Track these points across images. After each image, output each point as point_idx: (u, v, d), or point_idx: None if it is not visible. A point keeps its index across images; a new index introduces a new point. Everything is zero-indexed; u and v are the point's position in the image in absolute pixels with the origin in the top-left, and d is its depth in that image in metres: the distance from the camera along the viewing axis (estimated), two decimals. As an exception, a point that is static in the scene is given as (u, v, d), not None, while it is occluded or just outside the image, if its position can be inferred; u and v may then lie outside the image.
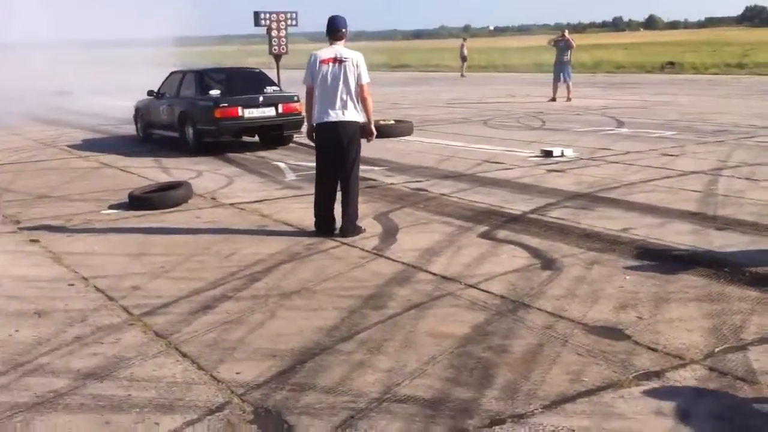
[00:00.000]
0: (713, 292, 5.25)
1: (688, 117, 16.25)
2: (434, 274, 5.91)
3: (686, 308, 4.97)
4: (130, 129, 16.31)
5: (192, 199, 8.99)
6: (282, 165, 11.61)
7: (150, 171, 11.46)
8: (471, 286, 5.59)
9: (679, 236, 6.72)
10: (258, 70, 15.04)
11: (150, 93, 14.65)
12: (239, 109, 12.91)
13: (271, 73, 19.14)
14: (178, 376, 4.16)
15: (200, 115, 13.08)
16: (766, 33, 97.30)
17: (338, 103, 7.07)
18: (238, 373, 4.18)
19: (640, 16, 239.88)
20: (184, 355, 4.45)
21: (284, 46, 19.05)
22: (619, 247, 6.43)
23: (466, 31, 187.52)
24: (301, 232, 7.40)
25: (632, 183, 9.15)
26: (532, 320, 4.85)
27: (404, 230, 7.33)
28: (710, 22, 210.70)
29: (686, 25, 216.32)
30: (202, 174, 11.03)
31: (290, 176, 10.64)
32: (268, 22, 18.63)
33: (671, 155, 11.16)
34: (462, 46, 39.75)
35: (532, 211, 7.89)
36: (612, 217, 7.50)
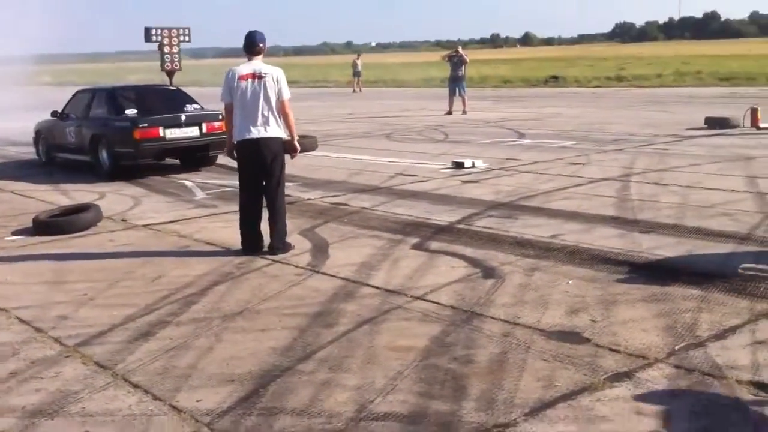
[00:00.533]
0: (657, 293, 5.34)
1: (583, 127, 16.78)
2: (377, 287, 5.79)
3: (636, 309, 5.04)
4: (25, 151, 15.47)
5: (101, 222, 8.54)
6: (188, 184, 11.25)
7: (48, 194, 10.85)
8: (418, 298, 5.50)
9: (608, 240, 6.84)
10: (176, 88, 14.11)
11: (54, 114, 13.65)
12: (160, 130, 11.97)
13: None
14: (134, 408, 3.87)
15: (117, 137, 12.12)
16: (635, 48, 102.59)
17: (260, 120, 6.90)
18: (198, 401, 3.93)
19: (517, 33, 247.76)
20: (135, 386, 4.15)
21: (177, 62, 18.59)
22: (553, 253, 6.49)
23: (349, 47, 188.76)
24: (227, 252, 7.13)
25: (548, 191, 9.31)
26: (489, 329, 4.80)
27: (335, 245, 7.18)
28: (583, 39, 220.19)
29: (560, 41, 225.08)
30: (106, 196, 10.53)
31: (200, 195, 10.30)
32: (159, 37, 18.13)
33: (578, 164, 11.45)
34: (355, 62, 39.04)
35: (459, 222, 7.89)
36: (538, 225, 7.58)
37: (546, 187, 9.56)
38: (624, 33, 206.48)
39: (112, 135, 12.24)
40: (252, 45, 7.02)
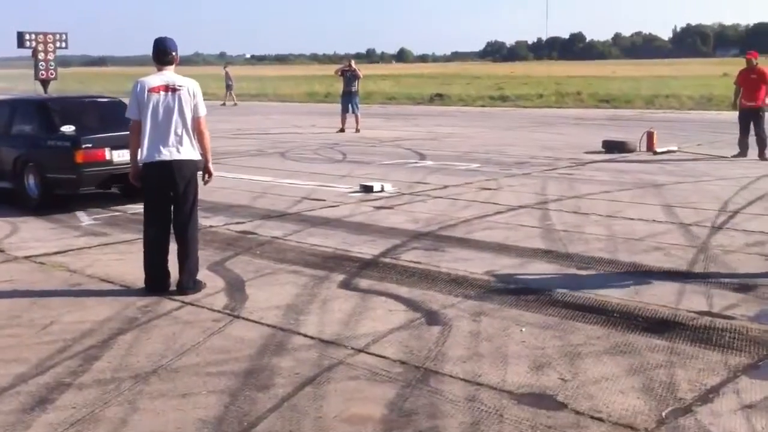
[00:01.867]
0: (620, 343, 4.93)
1: (483, 149, 16.58)
2: (311, 337, 5.13)
3: (604, 365, 4.59)
4: None
5: (-26, 253, 7.48)
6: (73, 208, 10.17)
7: None
8: (360, 350, 4.87)
9: (548, 278, 6.44)
10: (117, 100, 11.49)
11: None
12: (107, 152, 9.69)
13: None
14: None
15: (51, 160, 9.82)
16: (507, 67, 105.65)
17: (172, 139, 6.10)
18: (123, 503, 3.17)
19: (392, 49, 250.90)
20: (38, 481, 3.35)
21: (53, 71, 17.23)
22: (495, 295, 6.00)
23: (222, 59, 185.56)
24: (128, 291, 6.28)
25: (468, 219, 8.88)
26: (450, 391, 4.24)
27: (251, 283, 6.45)
28: (456, 56, 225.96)
29: (434, 58, 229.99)
30: (-25, 219, 9.36)
31: (86, 220, 9.29)
32: (33, 43, 16.74)
33: (489, 188, 11.12)
34: (226, 74, 37.16)
35: (383, 255, 7.32)
36: (468, 259, 7.11)
37: (465, 215, 9.12)
38: (495, 51, 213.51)
39: (45, 157, 9.94)
40: (163, 53, 6.21)
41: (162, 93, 6.09)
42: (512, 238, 7.88)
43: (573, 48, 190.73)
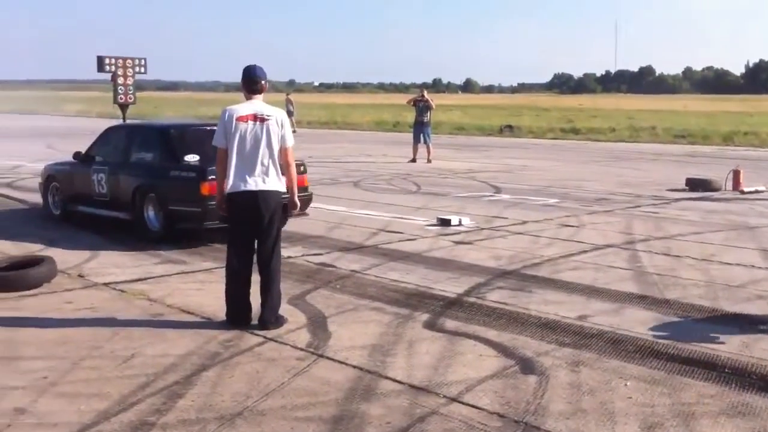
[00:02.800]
0: (736, 403, 4.55)
1: (559, 183, 16.19)
2: (400, 382, 4.87)
3: (721, 427, 4.23)
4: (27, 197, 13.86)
5: (56, 278, 7.44)
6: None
7: (-12, 238, 9.63)
8: (453, 399, 4.59)
9: (646, 326, 6.06)
10: None
11: (77, 156, 10.76)
12: None
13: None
14: None
15: (174, 191, 9.15)
16: (575, 99, 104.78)
17: (258, 169, 5.96)
18: None
19: (458, 79, 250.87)
20: None
21: (131, 95, 17.47)
22: (591, 342, 5.66)
23: (291, 86, 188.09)
24: (209, 323, 6.13)
25: (553, 258, 8.54)
26: (556, 451, 3.93)
27: (333, 319, 6.24)
28: (522, 88, 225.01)
29: (500, 89, 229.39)
30: (55, 242, 9.39)
31: (166, 247, 9.22)
32: (113, 67, 17.02)
33: (571, 226, 10.75)
34: (287, 100, 36.93)
35: (467, 293, 7.04)
36: (558, 302, 6.78)
37: (549, 253, 8.78)
38: (562, 83, 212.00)
39: (167, 188, 9.26)
40: (253, 82, 6.09)
41: (250, 122, 5.96)
42: (602, 280, 7.52)
43: (642, 82, 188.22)
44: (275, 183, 6.02)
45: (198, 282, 7.48)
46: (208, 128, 10.77)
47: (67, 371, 5.02)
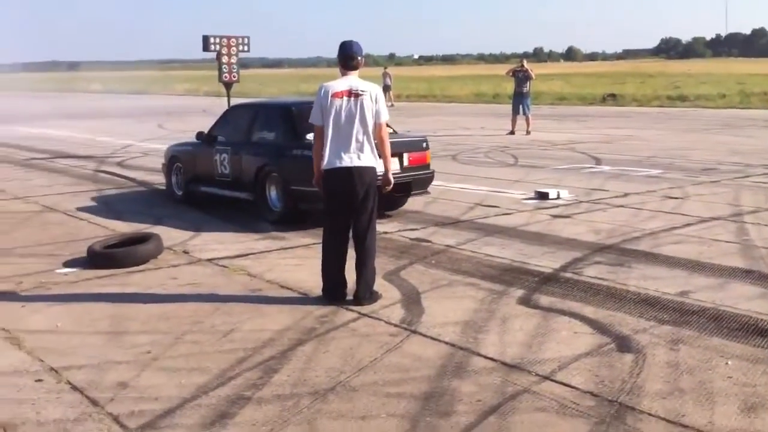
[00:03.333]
0: None
1: (663, 153, 15.67)
2: (492, 359, 4.86)
3: (830, 410, 4.04)
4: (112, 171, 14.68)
5: (162, 254, 7.73)
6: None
7: (99, 217, 10.07)
8: (545, 377, 4.55)
9: (752, 302, 5.83)
10: None
11: (199, 136, 10.63)
12: None
13: (222, 102, 18.02)
14: None
15: (297, 171, 8.72)
16: (683, 65, 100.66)
17: (353, 145, 6.00)
18: None
19: (559, 48, 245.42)
20: (221, 504, 3.28)
21: (235, 73, 17.84)
22: (692, 319, 5.50)
23: (391, 60, 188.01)
24: (306, 299, 6.26)
25: (654, 232, 8.30)
26: None
27: (427, 295, 6.26)
28: (627, 54, 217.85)
29: (604, 56, 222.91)
30: (162, 220, 9.74)
31: (266, 223, 9.42)
32: (218, 47, 17.40)
33: (675, 197, 10.41)
34: (384, 73, 36.86)
35: (563, 269, 6.93)
36: (658, 277, 6.59)
37: (650, 227, 8.54)
38: (670, 49, 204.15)
39: (290, 167, 9.03)
40: (349, 57, 6.12)
41: (345, 98, 6.00)
42: (706, 255, 7.26)
43: (755, 44, 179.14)
44: (370, 159, 6.05)
45: (297, 258, 7.63)
46: None
47: (169, 346, 5.23)
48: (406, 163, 9.15)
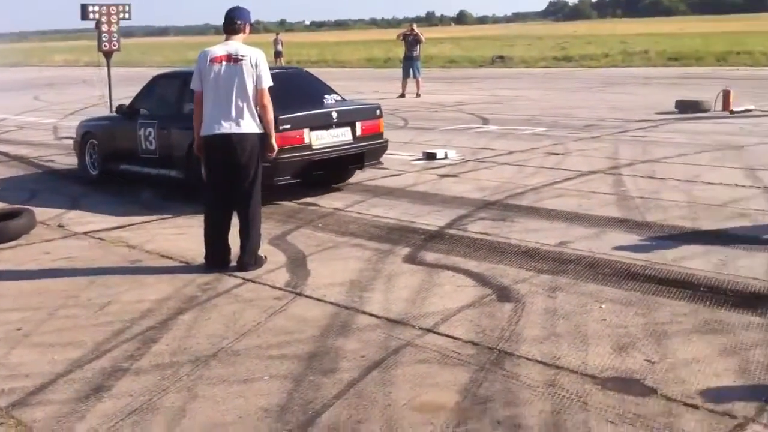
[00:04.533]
0: (709, 321, 4.55)
1: (549, 112, 16.03)
2: (376, 316, 4.87)
3: (694, 345, 4.23)
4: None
5: (35, 229, 7.39)
6: (133, 179, 10.06)
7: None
8: (429, 330, 4.59)
9: (624, 249, 6.04)
10: (303, 70, 10.08)
11: (120, 109, 9.56)
12: (305, 133, 8.13)
13: (103, 73, 17.36)
14: None
15: (264, 147, 7.65)
16: (570, 26, 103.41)
17: (233, 111, 5.87)
18: (180, 503, 2.97)
19: (451, 12, 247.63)
20: (93, 478, 3.17)
21: (116, 42, 17.09)
22: (569, 267, 5.65)
23: (282, 26, 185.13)
24: (188, 267, 6.11)
25: (537, 187, 8.48)
26: (527, 375, 3.93)
27: (313, 258, 6.22)
28: (517, 17, 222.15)
29: (494, 19, 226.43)
30: (37, 195, 9.33)
31: (146, 193, 9.15)
32: (97, 15, 16.63)
33: (557, 153, 10.67)
34: (276, 40, 35.96)
35: (449, 226, 7.01)
36: (539, 229, 6.75)
37: (533, 182, 8.73)
38: (557, 11, 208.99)
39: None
40: (230, 22, 6.02)
41: (224, 63, 5.87)
42: (585, 207, 7.48)
43: (638, 5, 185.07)
44: (251, 125, 5.92)
45: (178, 228, 7.44)
46: (273, 72, 9.72)
47: (41, 321, 5.01)
48: (358, 132, 8.60)
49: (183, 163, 8.47)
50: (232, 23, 6.01)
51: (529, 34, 76.75)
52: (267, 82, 5.94)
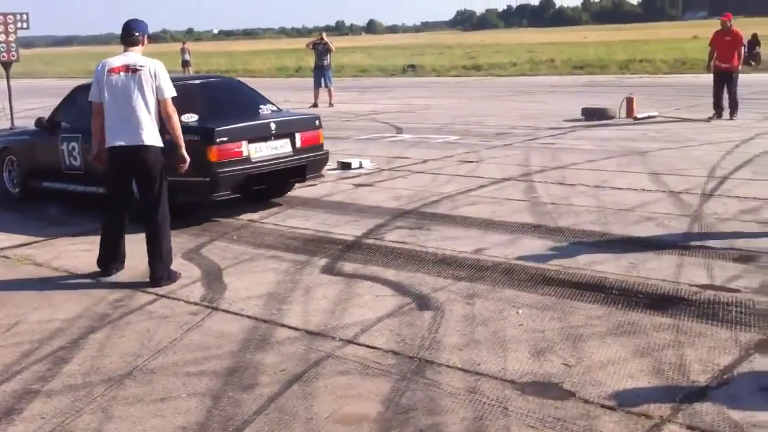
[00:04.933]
0: (622, 323, 4.67)
1: (460, 120, 16.25)
2: (295, 328, 4.82)
3: (608, 347, 4.34)
4: None
5: (-66, 249, 7.06)
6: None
7: None
8: (349, 341, 4.58)
9: (538, 254, 6.16)
10: (234, 80, 9.73)
11: (39, 123, 8.78)
12: (243, 146, 7.69)
13: (0, 84, 16.77)
14: None
15: (171, 159, 6.29)
16: (478, 35, 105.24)
17: (132, 123, 5.79)
18: None
19: (361, 21, 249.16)
20: None
21: (14, 52, 16.52)
22: (486, 274, 5.73)
23: (190, 35, 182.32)
24: (97, 284, 5.94)
25: (452, 195, 8.58)
26: (449, 383, 3.95)
27: (229, 271, 6.12)
28: (426, 27, 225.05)
29: (404, 29, 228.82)
30: (-64, 212, 8.90)
31: (53, 209, 8.85)
32: (-8, 24, 16.03)
33: (471, 161, 10.82)
34: (183, 49, 35.55)
35: (366, 235, 7.01)
36: (455, 237, 6.82)
37: (448, 190, 8.82)
38: (465, 20, 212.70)
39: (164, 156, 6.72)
40: (128, 34, 5.98)
41: (122, 74, 5.81)
42: (499, 213, 7.60)
43: (543, 15, 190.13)
44: (150, 136, 5.85)
45: (87, 243, 7.18)
46: (200, 82, 9.29)
47: (-56, 345, 4.78)
48: (298, 144, 8.18)
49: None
50: (131, 35, 5.98)
51: (438, 43, 77.82)
52: (169, 92, 5.87)
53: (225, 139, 7.50)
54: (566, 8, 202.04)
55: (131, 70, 5.80)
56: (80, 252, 6.87)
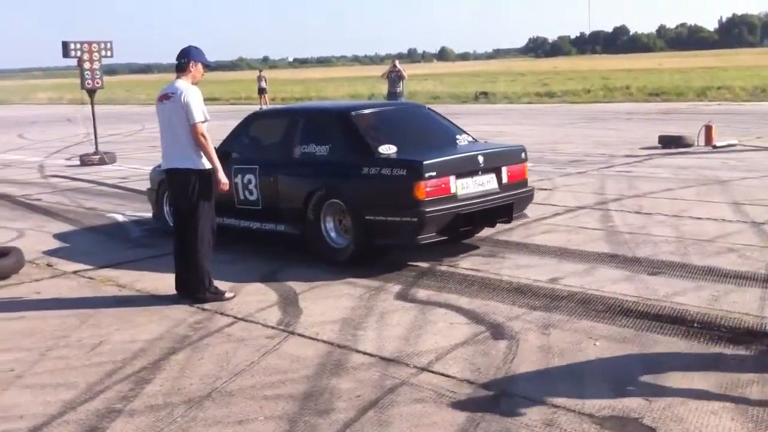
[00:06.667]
0: (705, 357, 4.56)
1: (533, 147, 16.01)
2: (370, 354, 4.85)
3: (690, 381, 4.24)
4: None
5: (23, 269, 7.33)
6: (120, 218, 10.04)
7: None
8: (423, 369, 4.58)
9: (617, 285, 6.06)
10: (423, 106, 8.74)
11: None
12: (451, 182, 6.79)
13: (87, 111, 17.36)
14: None
15: (373, 196, 6.80)
16: (551, 62, 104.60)
17: (170, 147, 6.21)
18: None
19: (433, 48, 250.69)
20: None
21: (99, 80, 17.14)
22: (562, 304, 5.66)
23: (265, 63, 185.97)
24: (178, 306, 6.07)
25: (526, 223, 8.50)
26: (525, 415, 3.91)
27: (305, 296, 6.20)
28: (498, 53, 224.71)
29: (476, 56, 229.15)
30: (25, 233, 9.25)
31: (135, 232, 9.13)
32: (79, 52, 16.68)
33: (545, 189, 10.72)
34: (259, 77, 36.28)
35: (440, 262, 7.01)
36: (530, 265, 6.77)
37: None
38: (537, 47, 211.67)
39: (361, 192, 6.89)
40: (177, 62, 6.28)
41: (164, 102, 6.18)
42: (574, 242, 7.51)
43: (617, 41, 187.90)
44: (183, 160, 6.11)
45: (168, 265, 7.33)
46: (393, 108, 8.83)
47: (33, 363, 4.96)
48: (504, 179, 7.24)
49: (297, 216, 7.28)
50: (178, 62, 6.25)
51: (510, 70, 77.65)
52: (197, 117, 6.03)
53: (434, 174, 6.64)
54: (640, 35, 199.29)
55: (167, 97, 6.14)
56: (161, 275, 7.03)
